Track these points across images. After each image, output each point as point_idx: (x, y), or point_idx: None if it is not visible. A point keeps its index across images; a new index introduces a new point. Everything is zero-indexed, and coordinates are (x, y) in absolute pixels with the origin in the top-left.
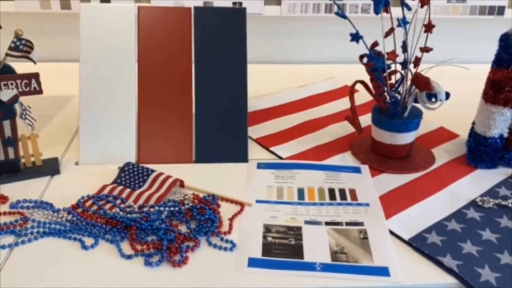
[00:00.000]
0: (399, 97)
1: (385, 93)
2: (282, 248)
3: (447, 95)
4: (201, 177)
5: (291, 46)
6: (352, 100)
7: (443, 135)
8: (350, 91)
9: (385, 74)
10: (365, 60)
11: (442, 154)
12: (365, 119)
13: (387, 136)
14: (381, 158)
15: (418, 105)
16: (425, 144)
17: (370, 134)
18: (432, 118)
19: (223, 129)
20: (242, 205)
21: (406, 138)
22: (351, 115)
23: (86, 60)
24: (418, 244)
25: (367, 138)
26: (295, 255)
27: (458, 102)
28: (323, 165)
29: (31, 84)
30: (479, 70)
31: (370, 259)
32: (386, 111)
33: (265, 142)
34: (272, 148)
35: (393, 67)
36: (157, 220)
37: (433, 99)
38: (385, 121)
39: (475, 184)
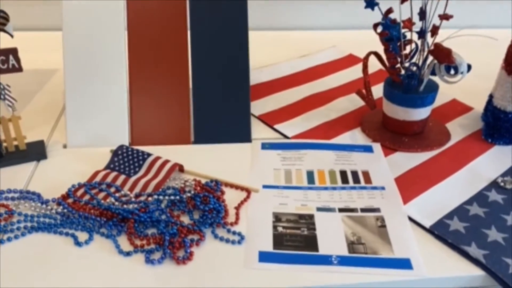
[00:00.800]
0: (414, 69)
1: (400, 65)
2: (295, 240)
3: (469, 67)
4: (202, 160)
5: (286, 11)
6: (366, 74)
7: (456, 108)
8: (364, 64)
9: (399, 44)
10: (379, 29)
11: (457, 130)
12: (374, 91)
13: (401, 111)
14: (393, 135)
15: (434, 77)
16: (438, 118)
17: (381, 109)
18: (444, 89)
19: (223, 106)
20: (248, 191)
21: (421, 113)
22: (365, 90)
23: (70, 28)
24: (440, 232)
25: (377, 113)
26: (309, 247)
27: (470, 72)
28: (332, 145)
29: (9, 60)
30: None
31: (390, 250)
32: (400, 84)
33: (269, 120)
34: (276, 126)
35: (408, 36)
36: (157, 210)
37: (452, 71)
38: (399, 96)
39: (495, 162)
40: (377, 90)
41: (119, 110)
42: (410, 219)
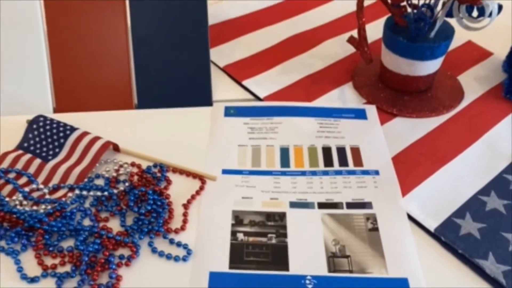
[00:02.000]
0: (425, 10)
1: (406, 3)
2: (259, 253)
3: (499, 8)
4: (145, 133)
5: None
6: (360, 17)
7: (472, 53)
8: (358, 4)
9: None
10: None
11: (471, 84)
12: (371, 30)
13: (404, 64)
14: (393, 94)
15: (449, 19)
16: (449, 69)
17: (379, 57)
18: (456, 28)
19: (173, 55)
20: (202, 179)
21: (429, 67)
22: (358, 39)
23: None
24: (449, 237)
25: (373, 64)
26: (278, 264)
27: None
28: (315, 109)
29: None
30: None
31: (383, 266)
32: (405, 29)
33: (236, 73)
34: (245, 82)
35: None
36: (78, 211)
37: (475, 13)
38: (403, 45)
39: None
40: (376, 29)
41: (38, 68)
42: (410, 217)
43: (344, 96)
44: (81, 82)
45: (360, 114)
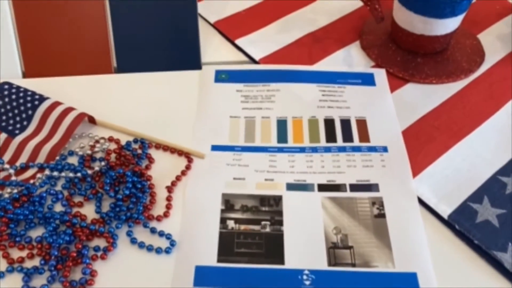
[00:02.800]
0: None
1: None
2: (251, 243)
3: None
4: (124, 102)
5: None
6: None
7: (494, 7)
8: None
9: None
10: None
11: (493, 44)
12: None
13: (420, 22)
14: (405, 56)
15: None
16: (468, 26)
17: (390, 14)
18: None
19: (156, 10)
20: (189, 157)
21: (448, 25)
22: None
23: None
24: (464, 226)
25: (384, 20)
26: (272, 256)
27: None
28: (318, 73)
29: None
30: None
31: (389, 258)
32: None
33: (229, 30)
34: (239, 41)
35: None
36: (49, 195)
37: None
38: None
39: None
40: None
41: (3, 24)
42: (420, 201)
43: (350, 58)
44: (52, 43)
45: (367, 80)
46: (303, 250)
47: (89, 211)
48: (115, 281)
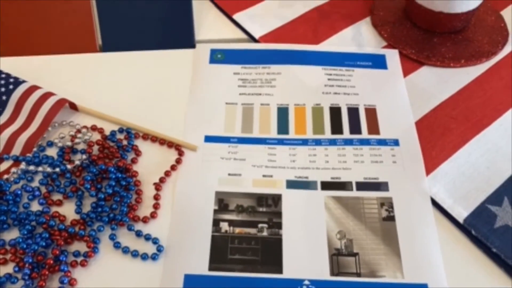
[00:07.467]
0: None
1: None
2: (246, 249)
3: None
4: (109, 85)
5: None
6: None
7: None
8: None
9: None
10: None
11: None
12: None
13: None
14: (421, 35)
15: None
16: (490, 1)
17: None
18: None
19: None
20: (179, 149)
21: (470, 2)
22: None
23: None
24: (481, 231)
25: None
26: (269, 263)
27: None
28: (324, 54)
29: None
30: None
31: (397, 268)
32: None
33: (225, 3)
34: (237, 16)
35: None
36: (25, 191)
37: None
38: None
39: None
40: None
41: None
42: (434, 202)
43: (359, 36)
44: (29, 18)
45: (378, 62)
46: (304, 257)
47: (68, 210)
48: None
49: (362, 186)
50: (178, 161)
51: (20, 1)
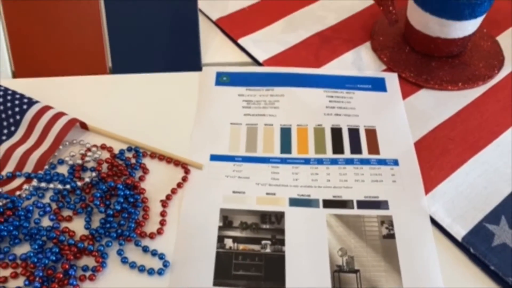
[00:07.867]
0: None
1: None
2: (250, 265)
3: None
4: (119, 105)
5: None
6: None
7: None
8: None
9: None
10: None
11: None
12: None
13: (436, 24)
14: (419, 59)
15: None
16: (486, 26)
17: (404, 14)
18: None
19: (154, 7)
20: (186, 167)
21: (467, 28)
22: None
23: None
24: (479, 249)
25: (397, 21)
26: (272, 279)
27: None
28: (325, 77)
29: None
30: None
31: (398, 284)
32: None
33: (231, 28)
34: (242, 41)
35: None
36: (36, 207)
37: None
38: (436, 0)
39: None
40: None
41: None
42: (432, 221)
43: (360, 60)
44: (43, 41)
45: (378, 85)
46: (306, 273)
47: (78, 226)
48: None
49: (363, 204)
50: (184, 179)
51: (35, 26)
